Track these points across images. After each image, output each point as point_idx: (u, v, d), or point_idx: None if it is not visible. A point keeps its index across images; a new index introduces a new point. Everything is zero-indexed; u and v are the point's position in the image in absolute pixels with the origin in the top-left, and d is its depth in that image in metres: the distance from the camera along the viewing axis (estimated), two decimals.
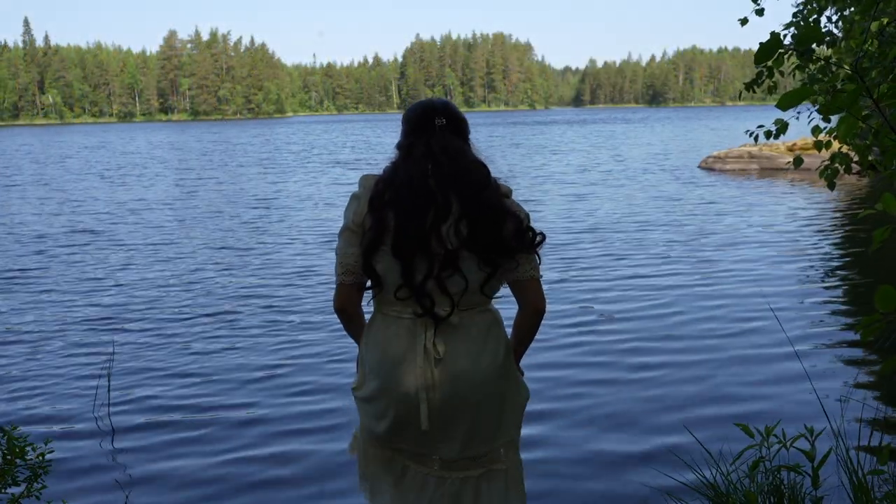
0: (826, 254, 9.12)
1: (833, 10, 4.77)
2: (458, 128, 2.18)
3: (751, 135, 4.28)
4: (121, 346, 5.86)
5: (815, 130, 3.72)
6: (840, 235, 10.46)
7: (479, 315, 2.13)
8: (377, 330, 2.16)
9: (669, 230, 10.74)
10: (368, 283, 2.15)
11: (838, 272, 8.20)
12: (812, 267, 8.28)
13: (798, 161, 3.75)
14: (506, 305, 2.23)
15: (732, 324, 6.09)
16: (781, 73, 4.52)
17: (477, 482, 2.19)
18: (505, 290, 2.19)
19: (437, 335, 2.08)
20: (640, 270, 8.16)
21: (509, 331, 2.24)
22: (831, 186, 3.91)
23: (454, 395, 2.09)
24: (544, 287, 2.18)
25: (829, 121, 3.84)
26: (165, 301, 7.31)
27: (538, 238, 2.12)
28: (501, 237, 2.05)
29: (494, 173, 2.12)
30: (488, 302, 2.17)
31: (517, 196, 2.21)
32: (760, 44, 1.43)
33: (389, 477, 2.25)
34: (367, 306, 2.22)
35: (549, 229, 10.87)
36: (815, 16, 4.70)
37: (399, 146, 2.17)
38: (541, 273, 2.16)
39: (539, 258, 2.15)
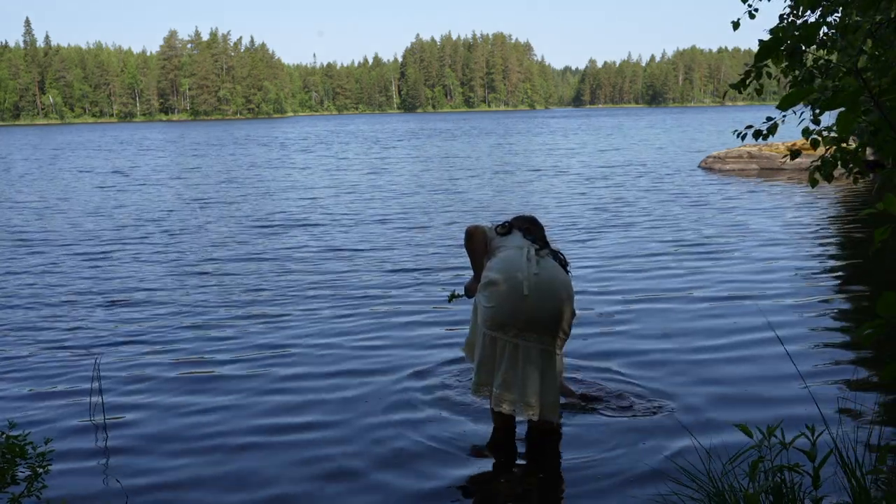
0: (824, 254, 9.13)
1: (818, 14, 4.75)
2: None
3: (739, 135, 4.28)
4: (121, 346, 5.87)
5: (805, 132, 3.72)
6: (838, 235, 10.46)
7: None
8: (503, 248, 3.96)
9: (667, 230, 10.75)
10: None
11: (836, 272, 8.20)
12: (810, 267, 8.28)
13: (794, 154, 3.75)
14: None
15: (730, 325, 6.09)
16: (769, 75, 4.53)
17: (539, 353, 3.81)
18: None
19: (536, 252, 3.90)
20: (638, 270, 8.17)
21: None
22: (813, 184, 3.92)
23: (543, 285, 3.75)
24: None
25: (819, 122, 3.85)
26: (164, 297, 7.31)
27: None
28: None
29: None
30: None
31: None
32: (760, 41, 1.43)
33: (493, 353, 3.83)
34: None
35: (562, 230, 10.87)
36: (807, 16, 4.69)
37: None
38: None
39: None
